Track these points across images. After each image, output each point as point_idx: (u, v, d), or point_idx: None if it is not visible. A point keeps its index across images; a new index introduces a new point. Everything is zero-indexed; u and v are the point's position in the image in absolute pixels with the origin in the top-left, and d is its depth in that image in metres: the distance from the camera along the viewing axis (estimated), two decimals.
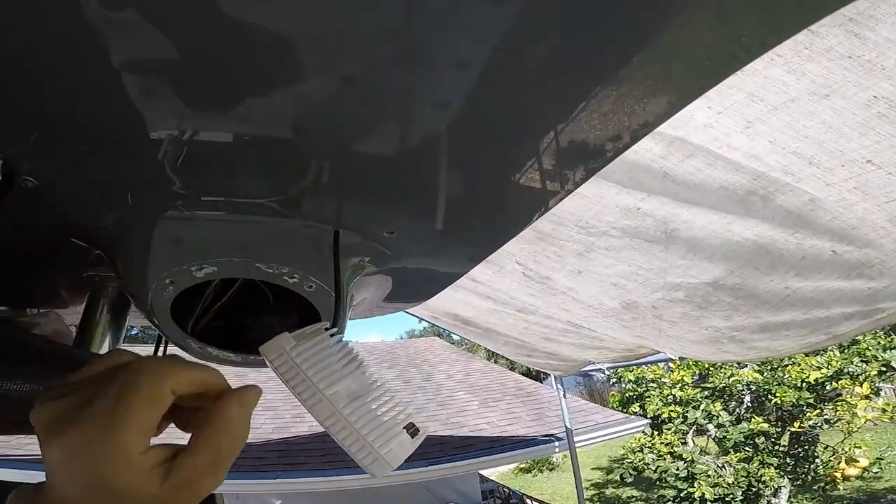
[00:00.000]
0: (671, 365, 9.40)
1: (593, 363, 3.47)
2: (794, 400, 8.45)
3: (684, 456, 8.80)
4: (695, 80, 0.47)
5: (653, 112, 0.50)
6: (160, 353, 1.00)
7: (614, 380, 12.29)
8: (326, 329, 0.59)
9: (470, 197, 0.64)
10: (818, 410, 8.56)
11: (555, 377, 5.04)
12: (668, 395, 9.53)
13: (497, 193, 0.64)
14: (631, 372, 10.25)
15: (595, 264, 1.43)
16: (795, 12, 0.43)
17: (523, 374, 10.76)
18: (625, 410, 9.55)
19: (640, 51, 0.41)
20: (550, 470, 15.90)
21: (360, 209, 0.63)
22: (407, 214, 0.65)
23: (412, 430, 0.56)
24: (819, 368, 8.46)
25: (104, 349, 0.89)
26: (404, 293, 1.04)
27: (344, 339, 0.60)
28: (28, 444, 4.97)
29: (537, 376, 11.80)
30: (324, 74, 0.39)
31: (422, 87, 0.42)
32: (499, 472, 14.38)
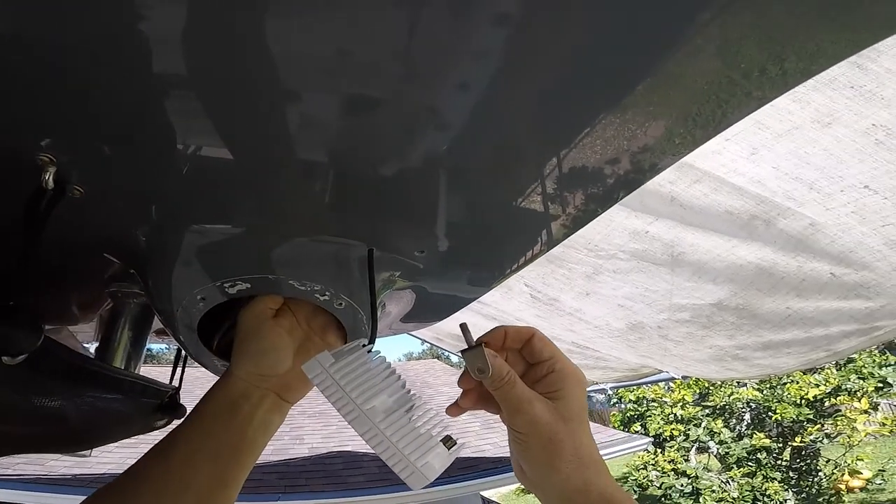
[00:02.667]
0: (671, 385, 9.48)
1: (596, 383, 3.47)
2: (794, 416, 8.64)
3: (688, 472, 8.81)
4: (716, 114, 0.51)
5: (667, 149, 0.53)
6: (178, 373, 1.00)
7: (614, 400, 12.24)
8: (364, 346, 0.61)
9: (497, 218, 0.66)
10: (818, 426, 8.71)
11: None
12: (669, 414, 9.66)
13: (520, 217, 0.66)
14: (631, 392, 10.23)
15: (603, 286, 1.45)
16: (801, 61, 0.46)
17: None
18: (626, 430, 9.55)
19: (644, 80, 0.43)
20: None
21: (393, 227, 0.64)
22: (438, 233, 0.67)
23: (449, 442, 0.57)
24: (817, 386, 8.66)
25: (125, 366, 0.90)
26: (422, 312, 1.05)
27: (382, 355, 0.62)
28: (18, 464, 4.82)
29: None
30: (335, 94, 0.41)
31: (434, 108, 0.44)
32: (500, 493, 14.11)
